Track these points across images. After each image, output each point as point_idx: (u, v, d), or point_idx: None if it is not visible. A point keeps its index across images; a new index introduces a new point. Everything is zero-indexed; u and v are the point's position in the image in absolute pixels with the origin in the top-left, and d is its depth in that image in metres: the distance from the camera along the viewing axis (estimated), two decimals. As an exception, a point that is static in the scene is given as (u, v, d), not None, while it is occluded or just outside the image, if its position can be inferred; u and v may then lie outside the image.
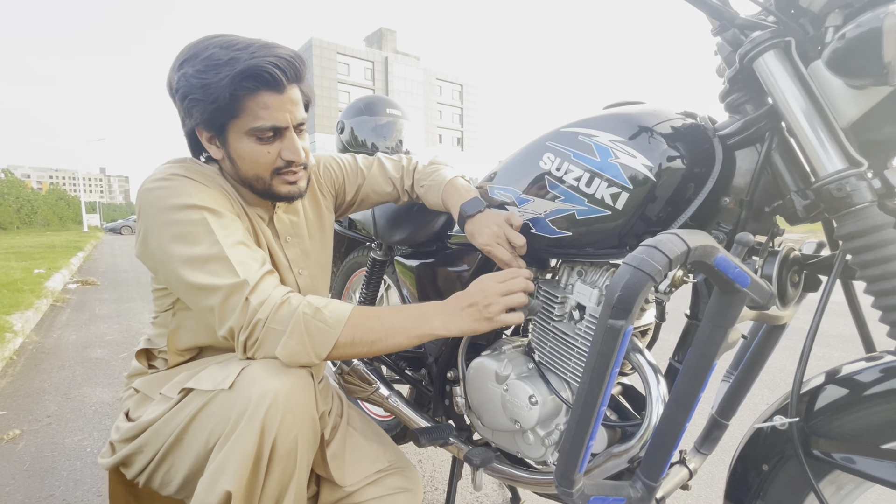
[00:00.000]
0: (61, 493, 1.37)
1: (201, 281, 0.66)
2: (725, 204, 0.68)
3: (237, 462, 0.61)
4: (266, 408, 0.61)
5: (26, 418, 1.88)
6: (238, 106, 0.69)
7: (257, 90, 0.69)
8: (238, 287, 0.66)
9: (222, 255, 0.67)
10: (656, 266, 0.43)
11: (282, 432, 0.63)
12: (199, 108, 0.70)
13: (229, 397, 0.64)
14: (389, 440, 0.96)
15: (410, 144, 1.52)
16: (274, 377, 0.64)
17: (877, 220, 0.51)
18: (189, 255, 0.67)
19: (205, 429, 0.67)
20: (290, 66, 0.71)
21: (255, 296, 0.66)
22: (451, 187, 0.91)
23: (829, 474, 0.59)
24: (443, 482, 1.42)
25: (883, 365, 0.56)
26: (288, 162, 0.75)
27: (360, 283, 1.54)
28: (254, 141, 0.73)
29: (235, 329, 0.66)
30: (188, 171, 0.73)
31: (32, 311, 3.53)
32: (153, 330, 0.85)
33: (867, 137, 0.56)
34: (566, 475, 0.55)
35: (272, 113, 0.71)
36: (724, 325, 0.52)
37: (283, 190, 0.78)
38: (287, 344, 0.65)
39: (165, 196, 0.69)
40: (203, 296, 0.67)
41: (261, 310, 0.65)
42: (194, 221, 0.68)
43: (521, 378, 0.80)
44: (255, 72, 0.67)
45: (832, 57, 0.48)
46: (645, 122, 0.69)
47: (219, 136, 0.74)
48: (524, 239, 0.79)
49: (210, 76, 0.67)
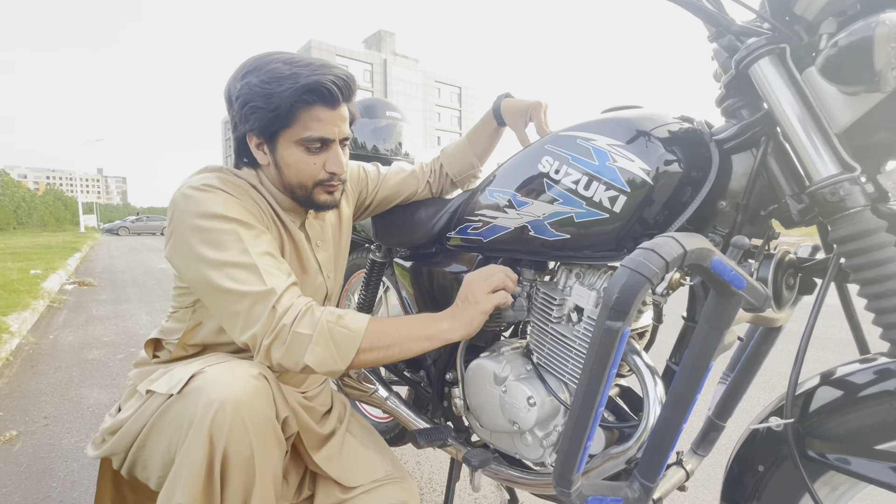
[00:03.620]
0: (58, 495, 1.37)
1: (229, 286, 0.68)
2: (722, 207, 0.68)
3: (187, 475, 0.62)
4: (211, 417, 0.61)
5: (23, 419, 1.87)
6: (294, 116, 0.74)
7: (313, 104, 0.74)
8: (265, 295, 0.67)
9: (251, 263, 0.69)
10: (653, 268, 0.44)
11: (233, 441, 0.62)
12: (257, 115, 0.74)
13: (181, 404, 0.66)
14: (388, 450, 0.96)
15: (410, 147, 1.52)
16: (221, 384, 0.64)
17: (870, 223, 0.52)
18: (218, 259, 0.69)
19: (165, 434, 0.68)
20: (346, 85, 0.76)
21: (280, 304, 0.68)
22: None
23: (824, 475, 0.59)
24: (441, 483, 1.42)
25: (877, 367, 0.56)
26: (331, 174, 0.79)
27: (359, 285, 1.54)
28: (302, 151, 0.77)
29: (259, 335, 0.67)
30: (223, 184, 0.75)
31: (29, 311, 3.52)
32: (169, 323, 0.87)
33: (860, 143, 0.57)
34: (564, 476, 0.55)
35: (323, 126, 0.76)
36: (720, 326, 0.52)
37: (321, 199, 0.82)
38: (314, 350, 0.67)
39: (199, 204, 0.71)
40: (229, 301, 0.68)
41: (286, 316, 0.67)
42: (225, 231, 0.70)
43: (520, 379, 0.81)
44: (317, 87, 0.73)
45: (825, 64, 0.49)
46: (642, 127, 0.69)
47: (269, 142, 0.78)
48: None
49: (273, 87, 0.72)
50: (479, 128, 1.07)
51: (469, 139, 1.08)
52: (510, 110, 1.00)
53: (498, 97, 1.04)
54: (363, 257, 1.49)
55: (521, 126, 0.97)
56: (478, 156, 1.08)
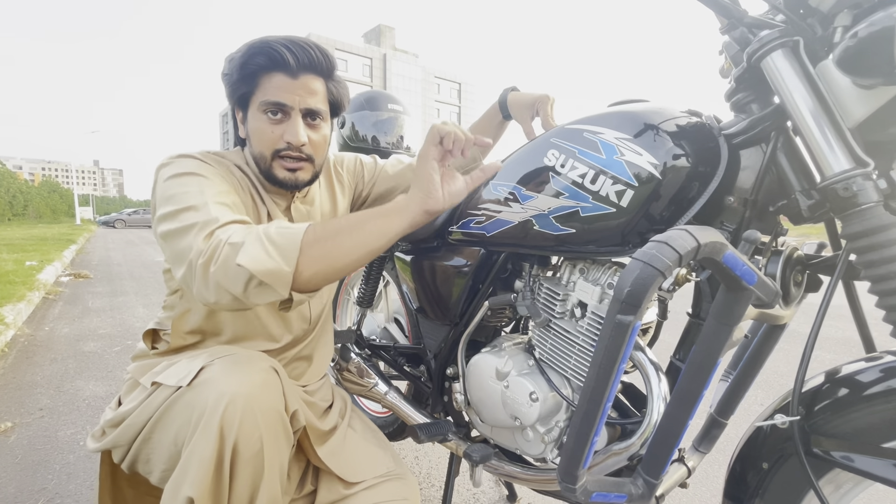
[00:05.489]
0: (54, 487, 1.36)
1: (175, 226, 0.65)
2: (730, 203, 0.68)
3: (196, 468, 0.60)
4: (222, 411, 0.60)
5: (18, 411, 1.86)
6: (255, 82, 0.76)
7: (271, 69, 0.75)
8: (207, 224, 0.63)
9: (203, 203, 0.67)
10: (666, 261, 0.43)
11: (243, 435, 0.61)
12: (226, 80, 0.78)
13: (190, 396, 0.64)
14: (390, 447, 0.95)
15: (411, 140, 1.51)
16: (232, 377, 0.63)
17: (882, 219, 0.51)
18: (173, 209, 0.67)
19: (172, 427, 0.67)
20: (303, 52, 0.76)
21: (221, 229, 0.63)
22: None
23: (829, 473, 0.59)
24: (439, 479, 1.42)
25: (883, 365, 0.56)
26: (288, 144, 0.78)
27: (358, 279, 1.53)
28: (264, 119, 0.77)
29: (194, 258, 0.60)
30: (202, 156, 0.77)
31: (24, 303, 3.49)
32: (162, 312, 0.86)
33: (872, 138, 0.56)
34: (570, 471, 0.55)
35: (280, 92, 0.76)
36: (729, 322, 0.52)
37: (280, 175, 0.80)
38: (247, 251, 0.58)
39: (170, 168, 0.73)
40: (176, 240, 0.64)
41: (222, 233, 0.62)
42: (187, 184, 0.70)
43: (522, 375, 0.80)
44: (264, 48, 0.74)
45: (843, 55, 0.48)
46: (651, 120, 0.68)
47: (243, 113, 0.80)
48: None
49: (236, 54, 0.76)
50: (484, 121, 1.06)
51: (473, 132, 1.07)
52: (517, 103, 0.99)
53: (504, 90, 1.03)
54: (363, 251, 1.48)
55: (528, 119, 0.96)
56: (481, 149, 1.07)
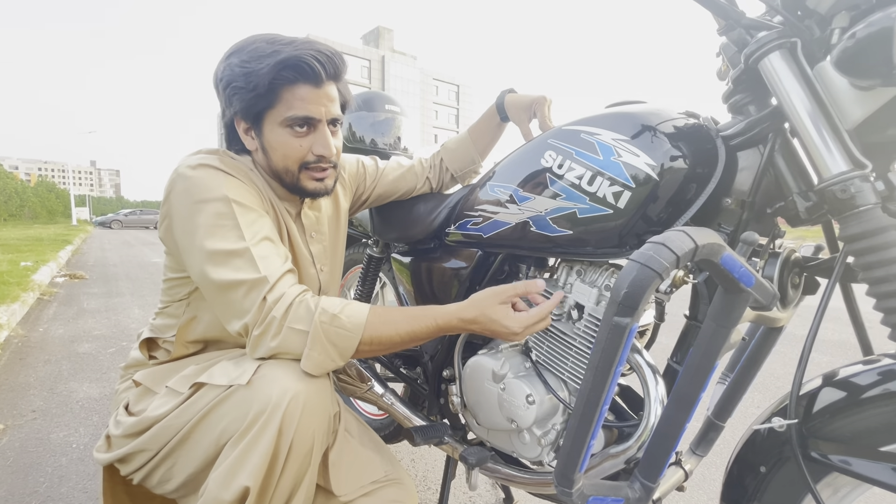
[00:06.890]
0: (46, 490, 1.34)
1: (223, 276, 0.66)
2: (727, 205, 0.67)
3: (257, 459, 0.61)
4: (285, 407, 0.62)
5: (10, 413, 1.84)
6: (276, 96, 0.72)
7: (295, 81, 0.71)
8: (258, 284, 0.66)
9: (246, 248, 0.67)
10: (664, 263, 0.43)
11: (300, 432, 0.63)
12: (239, 95, 0.72)
13: (246, 394, 0.64)
14: (386, 448, 0.94)
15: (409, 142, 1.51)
16: (293, 376, 0.64)
17: (881, 221, 0.51)
18: (214, 248, 0.67)
19: (217, 425, 0.66)
20: (329, 62, 0.73)
21: (272, 294, 0.66)
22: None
23: (827, 476, 0.59)
24: (435, 481, 1.41)
25: (881, 368, 0.56)
26: (318, 157, 0.77)
27: (355, 281, 1.53)
28: (287, 132, 0.74)
29: (250, 325, 0.66)
30: (222, 164, 0.73)
31: (18, 304, 3.46)
32: (159, 320, 0.84)
33: (870, 140, 0.56)
34: (566, 474, 0.54)
35: (307, 105, 0.73)
36: (727, 324, 0.51)
37: (309, 186, 0.79)
38: (310, 356, 0.65)
39: (196, 185, 0.69)
40: (223, 290, 0.67)
41: (276, 307, 0.65)
42: (222, 214, 0.68)
43: (519, 377, 0.80)
44: (295, 62, 0.70)
45: (841, 56, 0.48)
46: (648, 122, 0.68)
47: (255, 126, 0.75)
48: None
49: (253, 65, 0.70)
50: (482, 123, 1.05)
51: (471, 134, 1.07)
52: (514, 105, 0.99)
53: (501, 92, 1.02)
54: (360, 252, 1.48)
55: (526, 121, 0.96)
56: (479, 151, 1.07)
